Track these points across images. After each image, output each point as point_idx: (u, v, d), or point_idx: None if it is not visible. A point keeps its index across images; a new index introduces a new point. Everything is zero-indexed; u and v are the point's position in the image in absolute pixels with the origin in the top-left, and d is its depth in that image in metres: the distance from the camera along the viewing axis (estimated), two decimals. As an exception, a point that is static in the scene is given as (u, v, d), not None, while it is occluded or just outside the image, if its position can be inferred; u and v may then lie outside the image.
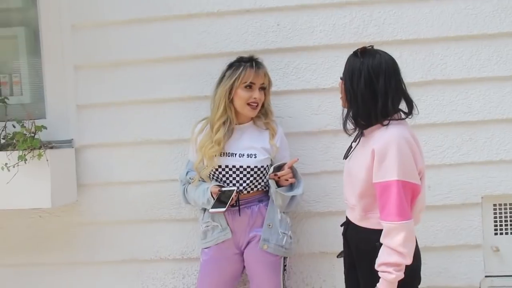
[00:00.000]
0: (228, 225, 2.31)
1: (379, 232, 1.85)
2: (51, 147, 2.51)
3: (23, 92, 2.85)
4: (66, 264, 2.76)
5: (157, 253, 2.72)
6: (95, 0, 2.67)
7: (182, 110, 2.67)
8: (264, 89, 2.33)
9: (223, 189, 2.24)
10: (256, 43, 2.60)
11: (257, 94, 2.28)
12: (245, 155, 2.30)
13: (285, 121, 2.58)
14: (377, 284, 1.83)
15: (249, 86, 2.28)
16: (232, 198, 2.19)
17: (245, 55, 2.38)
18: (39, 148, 2.43)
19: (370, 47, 1.95)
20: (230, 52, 2.57)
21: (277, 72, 2.59)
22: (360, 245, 1.99)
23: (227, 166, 2.29)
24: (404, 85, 1.96)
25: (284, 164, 2.28)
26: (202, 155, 2.31)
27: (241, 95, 2.28)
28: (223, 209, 2.16)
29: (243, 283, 2.63)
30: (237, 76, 2.27)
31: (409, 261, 1.81)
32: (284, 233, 2.30)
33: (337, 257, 2.25)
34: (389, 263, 1.79)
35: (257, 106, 2.30)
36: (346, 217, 2.12)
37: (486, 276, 2.61)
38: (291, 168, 2.28)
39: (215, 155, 2.28)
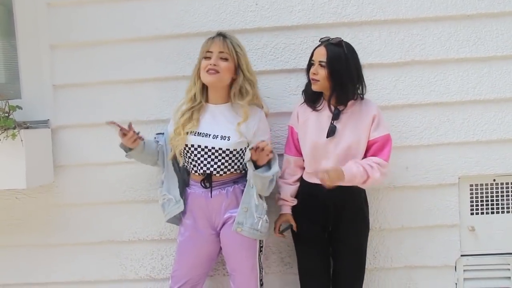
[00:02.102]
0: (182, 198, 2.35)
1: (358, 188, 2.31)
2: (26, 127, 2.47)
3: (-3, 72, 2.80)
4: (43, 246, 2.74)
5: (135, 234, 2.71)
6: (70, -22, 2.63)
7: (160, 90, 2.64)
8: (225, 59, 2.25)
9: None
10: (234, 23, 2.58)
11: (212, 60, 2.23)
12: (219, 136, 2.27)
13: (263, 102, 2.56)
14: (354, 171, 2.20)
15: (208, 57, 2.26)
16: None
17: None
18: (14, 128, 2.39)
19: (338, 39, 2.27)
20: (208, 32, 2.54)
21: (255, 52, 2.57)
22: (348, 204, 2.33)
23: (199, 146, 2.27)
24: None
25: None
26: (174, 126, 2.34)
27: (201, 65, 2.28)
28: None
29: (222, 263, 2.64)
30: (200, 50, 2.30)
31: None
32: (259, 217, 2.28)
33: (281, 232, 2.42)
34: (378, 174, 2.23)
35: (215, 72, 2.23)
36: (317, 186, 2.26)
37: (462, 256, 2.64)
38: None
39: (184, 132, 2.28)
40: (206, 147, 2.27)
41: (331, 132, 2.28)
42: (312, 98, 2.35)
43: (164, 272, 2.72)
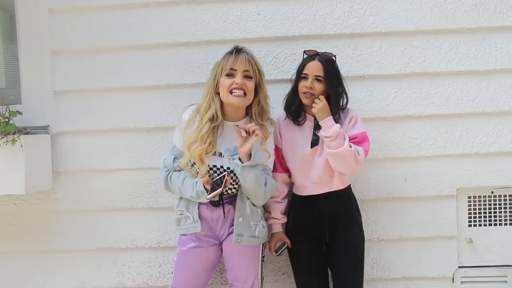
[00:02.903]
0: (200, 218, 2.27)
1: (350, 195, 2.42)
2: (26, 133, 2.47)
3: (-2, 77, 2.80)
4: (41, 252, 2.73)
5: (133, 242, 2.70)
6: (73, -15, 2.63)
7: (160, 98, 2.64)
8: (250, 78, 2.18)
9: (214, 179, 2.18)
10: (236, 32, 2.59)
11: (239, 80, 2.15)
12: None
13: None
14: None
15: (231, 74, 2.17)
16: (226, 180, 2.16)
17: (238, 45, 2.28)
18: (14, 134, 2.38)
19: (330, 54, 2.35)
20: (209, 41, 2.57)
21: (256, 62, 2.58)
22: (341, 212, 2.35)
23: (215, 166, 2.21)
24: None
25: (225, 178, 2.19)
26: (189, 154, 2.19)
27: (223, 83, 2.17)
28: (220, 189, 2.13)
29: (220, 272, 2.64)
30: (219, 65, 2.21)
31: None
32: (256, 224, 2.26)
33: (278, 254, 2.43)
34: (356, 154, 2.25)
35: (244, 94, 2.16)
36: (309, 198, 2.35)
37: (459, 267, 2.65)
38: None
39: (203, 155, 2.17)
40: (221, 166, 2.21)
41: (314, 142, 2.33)
42: (296, 113, 2.38)
43: (162, 280, 2.71)
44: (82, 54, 2.65)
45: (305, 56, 2.36)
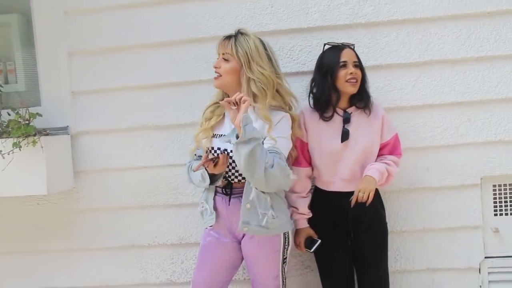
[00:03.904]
0: (215, 210, 2.25)
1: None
2: (46, 134, 2.51)
3: (18, 80, 2.84)
4: (65, 251, 2.78)
5: (155, 239, 2.72)
6: (87, -14, 2.65)
7: (177, 95, 2.65)
8: (226, 60, 2.17)
9: (210, 156, 2.15)
10: (250, 26, 2.57)
11: (216, 63, 2.20)
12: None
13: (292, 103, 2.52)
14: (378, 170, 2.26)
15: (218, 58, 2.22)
16: (219, 156, 2.10)
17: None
18: (34, 135, 2.42)
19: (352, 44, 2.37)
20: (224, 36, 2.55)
21: (271, 55, 2.56)
22: (366, 207, 2.26)
23: (219, 148, 2.17)
24: None
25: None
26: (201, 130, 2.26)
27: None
28: (202, 161, 2.08)
29: (242, 267, 2.63)
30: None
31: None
32: (264, 213, 2.14)
33: (312, 251, 2.34)
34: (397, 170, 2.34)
35: (218, 75, 2.19)
36: (335, 194, 2.33)
37: (486, 257, 2.59)
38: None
39: (207, 135, 2.22)
40: (225, 150, 2.16)
41: (345, 136, 2.27)
42: (325, 106, 2.29)
43: (185, 276, 2.72)
44: (98, 54, 2.67)
45: (326, 47, 2.32)
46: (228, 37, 2.21)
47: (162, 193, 2.69)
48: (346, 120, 2.28)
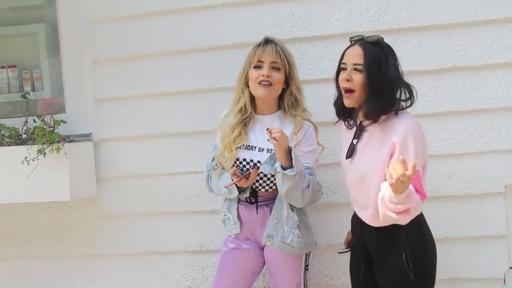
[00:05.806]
0: (239, 220, 2.26)
1: (394, 226, 1.83)
2: (70, 141, 2.55)
3: (44, 88, 2.91)
4: (87, 257, 2.81)
5: (175, 246, 2.73)
6: (111, -5, 2.70)
7: (198, 102, 2.67)
8: (278, 69, 2.17)
9: (240, 171, 2.18)
10: (272, 33, 2.55)
11: (265, 71, 2.14)
12: (265, 149, 2.18)
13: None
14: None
15: (259, 66, 2.17)
16: (250, 172, 2.12)
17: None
18: (58, 142, 2.46)
19: (376, 36, 1.94)
20: (245, 43, 2.56)
21: (292, 62, 2.57)
22: (380, 245, 1.95)
23: (244, 160, 2.19)
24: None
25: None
26: (223, 146, 2.24)
27: (251, 75, 2.18)
28: (236, 179, 2.11)
29: (263, 275, 2.62)
30: (247, 58, 2.23)
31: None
32: (290, 231, 2.15)
33: (339, 252, 2.25)
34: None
35: (269, 84, 2.14)
36: (355, 215, 2.10)
37: (511, 268, 2.54)
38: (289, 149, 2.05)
39: (235, 147, 2.19)
40: (251, 160, 2.19)
41: (350, 152, 1.98)
42: (344, 111, 2.00)
43: (205, 284, 2.72)
44: (121, 62, 2.72)
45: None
46: (273, 44, 2.20)
47: (182, 200, 2.71)
48: (357, 134, 1.96)
